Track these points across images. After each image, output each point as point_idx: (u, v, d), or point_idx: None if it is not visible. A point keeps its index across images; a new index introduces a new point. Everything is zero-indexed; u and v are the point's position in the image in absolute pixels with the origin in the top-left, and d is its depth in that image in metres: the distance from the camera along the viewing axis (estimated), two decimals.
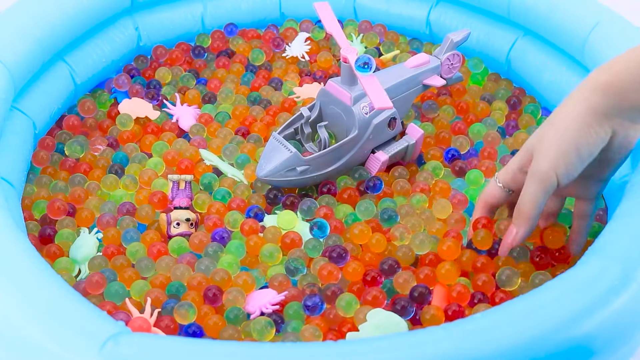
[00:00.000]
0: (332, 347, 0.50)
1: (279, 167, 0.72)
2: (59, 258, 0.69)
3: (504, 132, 0.87)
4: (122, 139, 0.84)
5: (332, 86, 0.76)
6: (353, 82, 0.75)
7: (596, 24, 0.81)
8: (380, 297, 0.64)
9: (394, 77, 0.80)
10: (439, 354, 0.49)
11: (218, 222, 0.73)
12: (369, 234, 0.70)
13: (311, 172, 0.74)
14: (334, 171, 0.76)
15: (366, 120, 0.75)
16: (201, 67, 0.97)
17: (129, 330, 0.52)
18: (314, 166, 0.74)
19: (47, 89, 0.84)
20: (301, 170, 0.73)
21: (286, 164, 0.72)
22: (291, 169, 0.73)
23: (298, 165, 0.73)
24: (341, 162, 0.75)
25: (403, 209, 0.74)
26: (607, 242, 0.60)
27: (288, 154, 0.72)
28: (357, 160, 0.78)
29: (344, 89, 0.75)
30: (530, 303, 0.53)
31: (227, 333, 0.61)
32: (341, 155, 0.75)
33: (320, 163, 0.74)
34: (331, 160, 0.75)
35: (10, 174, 0.73)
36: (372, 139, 0.76)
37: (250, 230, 0.71)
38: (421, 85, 0.83)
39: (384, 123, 0.77)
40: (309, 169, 0.74)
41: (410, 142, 0.78)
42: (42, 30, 0.81)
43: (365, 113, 0.75)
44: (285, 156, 0.72)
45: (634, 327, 0.55)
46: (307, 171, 0.74)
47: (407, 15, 1.02)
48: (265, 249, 0.69)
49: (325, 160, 0.74)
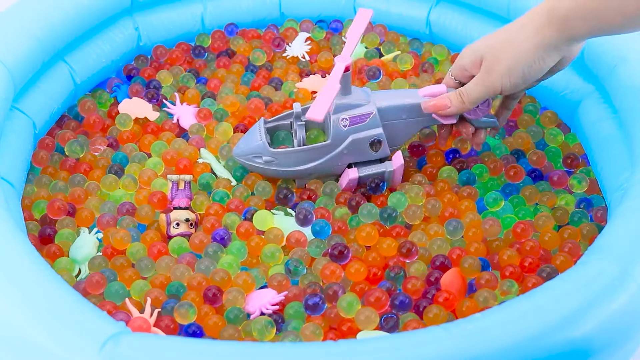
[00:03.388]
0: (332, 347, 0.50)
1: (247, 151, 0.76)
2: (59, 258, 0.69)
3: (503, 131, 0.87)
4: (121, 139, 0.84)
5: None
6: (347, 92, 0.75)
7: None
8: (383, 299, 0.64)
9: (398, 99, 0.77)
10: (439, 354, 0.49)
11: (216, 223, 0.73)
12: (376, 236, 0.70)
13: (276, 165, 0.76)
14: (301, 172, 0.76)
15: (342, 133, 0.75)
16: (201, 67, 0.97)
17: (129, 330, 0.52)
18: (280, 160, 0.76)
19: (47, 89, 0.84)
20: (266, 160, 0.75)
21: (254, 150, 0.76)
22: (257, 156, 0.76)
23: (264, 154, 0.75)
24: (308, 166, 0.76)
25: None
26: (607, 242, 0.60)
27: (258, 141, 0.76)
28: (328, 169, 0.77)
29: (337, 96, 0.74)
30: (530, 303, 0.53)
31: (227, 333, 0.61)
32: (310, 159, 0.76)
33: (287, 160, 0.76)
34: (298, 161, 0.76)
35: (10, 174, 0.73)
36: (347, 153, 0.75)
37: (246, 232, 0.71)
38: (429, 117, 0.77)
39: (365, 142, 0.75)
40: (274, 161, 0.76)
41: (389, 168, 0.76)
42: (42, 30, 0.81)
43: (344, 125, 0.74)
44: (256, 143, 0.76)
45: (634, 327, 0.56)
46: (272, 163, 0.76)
47: (407, 16, 1.02)
48: (267, 249, 0.69)
49: (292, 159, 0.76)
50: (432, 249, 0.70)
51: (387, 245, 0.70)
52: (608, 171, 0.75)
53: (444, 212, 0.74)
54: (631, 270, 0.56)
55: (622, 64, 0.77)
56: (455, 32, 0.99)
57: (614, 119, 0.79)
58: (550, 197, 0.76)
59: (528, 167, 0.81)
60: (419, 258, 0.69)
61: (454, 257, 0.69)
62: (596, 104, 0.82)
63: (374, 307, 0.63)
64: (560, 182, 0.79)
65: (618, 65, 0.77)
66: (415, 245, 0.69)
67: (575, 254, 0.69)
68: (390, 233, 0.72)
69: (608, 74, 0.79)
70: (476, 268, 0.67)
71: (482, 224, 0.72)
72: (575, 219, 0.74)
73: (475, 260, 0.67)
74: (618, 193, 0.71)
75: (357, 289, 0.66)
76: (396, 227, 0.72)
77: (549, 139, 0.84)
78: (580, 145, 0.83)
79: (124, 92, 0.91)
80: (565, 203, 0.76)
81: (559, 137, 0.84)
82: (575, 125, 0.85)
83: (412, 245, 0.69)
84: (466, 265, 0.67)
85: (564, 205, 0.76)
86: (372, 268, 0.68)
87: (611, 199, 0.73)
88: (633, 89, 0.75)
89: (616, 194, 0.71)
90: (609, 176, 0.75)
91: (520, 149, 0.83)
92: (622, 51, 0.78)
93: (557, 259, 0.68)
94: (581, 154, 0.82)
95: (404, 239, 0.71)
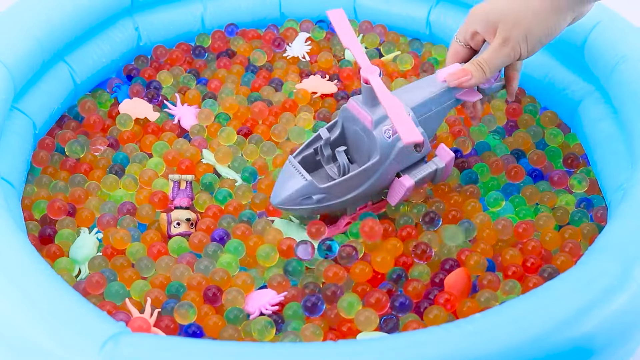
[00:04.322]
0: (332, 347, 0.50)
1: (294, 195, 0.68)
2: (59, 258, 0.69)
3: (503, 131, 0.87)
4: (122, 139, 0.84)
5: (353, 106, 0.70)
6: (374, 104, 0.69)
7: (596, 23, 0.81)
8: (383, 300, 0.64)
9: (424, 93, 0.73)
10: (439, 354, 0.49)
11: (212, 225, 0.72)
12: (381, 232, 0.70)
13: (328, 200, 0.69)
14: (354, 198, 0.70)
15: (389, 144, 0.68)
16: (201, 67, 0.97)
17: (129, 331, 0.52)
18: (332, 194, 0.69)
19: (47, 89, 0.84)
20: (317, 199, 0.68)
21: (302, 192, 0.68)
22: (307, 197, 0.68)
23: (314, 193, 0.68)
24: (361, 189, 0.69)
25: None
26: (607, 242, 0.60)
27: (303, 181, 0.68)
28: (380, 186, 0.71)
29: (364, 110, 0.69)
30: (530, 303, 0.53)
31: (227, 333, 0.61)
32: (362, 182, 0.69)
33: (338, 190, 0.69)
34: (350, 188, 0.69)
35: (10, 174, 0.73)
36: (397, 162, 0.70)
37: (242, 235, 0.71)
38: (454, 99, 0.74)
39: (410, 146, 0.70)
40: (325, 197, 0.68)
41: (440, 165, 0.72)
42: (42, 30, 0.81)
43: (388, 137, 0.68)
44: (301, 184, 0.68)
45: (634, 327, 0.56)
46: (324, 199, 0.68)
47: (407, 16, 1.02)
48: (261, 250, 0.69)
49: (343, 188, 0.69)
50: (442, 252, 0.70)
51: (392, 246, 0.69)
52: (608, 171, 0.75)
53: (447, 214, 0.74)
54: (631, 270, 0.56)
55: (623, 64, 0.77)
56: (455, 32, 0.99)
57: (614, 119, 0.79)
58: (550, 197, 0.76)
59: (528, 167, 0.81)
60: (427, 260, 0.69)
61: (462, 258, 0.69)
62: (596, 104, 0.82)
63: (374, 309, 0.63)
64: (560, 182, 0.79)
65: (618, 64, 0.77)
66: (429, 247, 0.68)
67: (575, 254, 0.69)
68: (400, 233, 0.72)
69: (608, 74, 0.79)
70: (482, 266, 0.67)
71: (495, 224, 0.72)
72: (576, 219, 0.74)
73: (481, 258, 0.67)
74: (618, 193, 0.71)
75: (359, 289, 0.66)
76: (407, 227, 0.72)
77: (549, 139, 0.84)
78: (580, 145, 0.83)
79: (124, 92, 0.91)
80: (565, 203, 0.76)
81: (559, 137, 0.84)
82: (575, 125, 0.85)
83: (427, 246, 0.68)
84: (472, 262, 0.67)
85: (564, 205, 0.76)
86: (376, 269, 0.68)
87: (611, 199, 0.73)
88: (633, 89, 0.75)
89: (616, 194, 0.71)
90: (609, 176, 0.75)
91: (520, 148, 0.83)
92: (623, 50, 0.78)
93: (558, 259, 0.68)
94: (581, 154, 0.82)
95: (415, 240, 0.70)
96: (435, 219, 0.72)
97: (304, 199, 0.68)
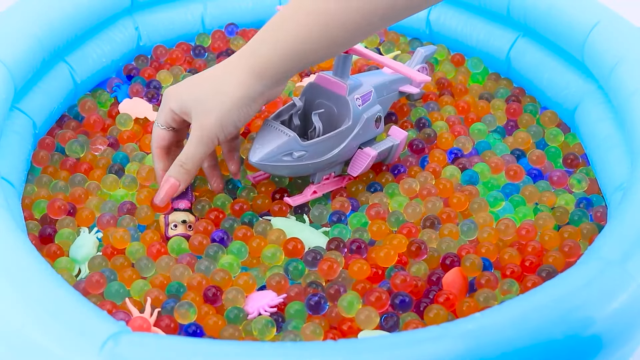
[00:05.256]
0: (332, 346, 0.50)
1: (276, 151, 0.70)
2: (59, 258, 0.69)
3: (503, 131, 0.87)
4: (122, 139, 0.84)
5: (323, 78, 0.75)
6: (346, 75, 0.75)
7: (596, 23, 0.81)
8: (384, 298, 0.64)
9: (378, 79, 0.81)
10: (438, 353, 0.49)
11: (209, 226, 0.72)
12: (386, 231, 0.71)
13: (307, 159, 0.72)
14: (327, 162, 0.74)
15: (358, 113, 0.74)
16: (201, 67, 0.97)
17: (129, 330, 0.52)
18: (311, 153, 0.72)
19: (47, 89, 0.84)
20: (298, 156, 0.71)
21: (284, 148, 0.70)
22: (288, 154, 0.70)
23: (296, 149, 0.71)
24: (334, 153, 0.73)
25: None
26: (607, 242, 0.60)
27: (286, 137, 0.70)
28: (345, 155, 0.76)
29: (337, 80, 0.74)
30: (530, 303, 0.53)
31: (228, 332, 0.61)
32: (334, 146, 0.73)
33: (316, 150, 0.72)
34: (325, 149, 0.73)
35: (10, 173, 0.73)
36: (361, 133, 0.75)
37: (243, 237, 0.71)
38: (397, 92, 0.84)
39: (372, 119, 0.76)
40: (304, 154, 0.71)
41: (395, 142, 0.78)
42: (42, 29, 0.81)
43: (359, 105, 0.74)
44: (283, 139, 0.70)
45: (634, 327, 0.56)
46: (303, 157, 0.71)
47: None
48: (267, 250, 0.69)
49: (320, 148, 0.73)
50: (441, 248, 0.70)
51: (398, 242, 0.70)
52: (608, 171, 0.75)
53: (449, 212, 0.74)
54: (631, 270, 0.56)
55: (622, 64, 0.77)
56: (455, 32, 0.99)
57: (613, 119, 0.79)
58: (550, 197, 0.76)
59: (528, 166, 0.81)
60: (427, 257, 0.69)
61: (463, 254, 0.69)
62: (596, 104, 0.82)
63: (374, 307, 0.63)
64: (560, 181, 0.79)
65: (618, 65, 0.77)
66: (424, 244, 0.69)
67: (575, 254, 0.69)
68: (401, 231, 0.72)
69: (608, 74, 0.79)
70: (478, 267, 0.67)
71: (498, 224, 0.72)
72: (575, 219, 0.74)
73: (477, 259, 0.67)
74: (618, 193, 0.71)
75: (359, 287, 0.66)
76: (407, 225, 0.72)
77: (549, 139, 0.84)
78: (580, 145, 0.83)
79: (124, 92, 0.91)
80: (565, 203, 0.76)
81: (559, 137, 0.84)
82: (575, 125, 0.85)
83: (422, 243, 0.69)
84: (467, 264, 0.67)
85: (563, 205, 0.76)
86: (374, 267, 0.68)
87: (611, 198, 0.73)
88: (633, 89, 0.75)
89: (616, 193, 0.71)
90: (609, 176, 0.75)
91: (520, 148, 0.83)
92: (622, 51, 0.78)
93: (550, 257, 0.68)
94: (581, 154, 0.82)
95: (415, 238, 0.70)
96: (435, 223, 0.72)
97: (284, 155, 0.70)
